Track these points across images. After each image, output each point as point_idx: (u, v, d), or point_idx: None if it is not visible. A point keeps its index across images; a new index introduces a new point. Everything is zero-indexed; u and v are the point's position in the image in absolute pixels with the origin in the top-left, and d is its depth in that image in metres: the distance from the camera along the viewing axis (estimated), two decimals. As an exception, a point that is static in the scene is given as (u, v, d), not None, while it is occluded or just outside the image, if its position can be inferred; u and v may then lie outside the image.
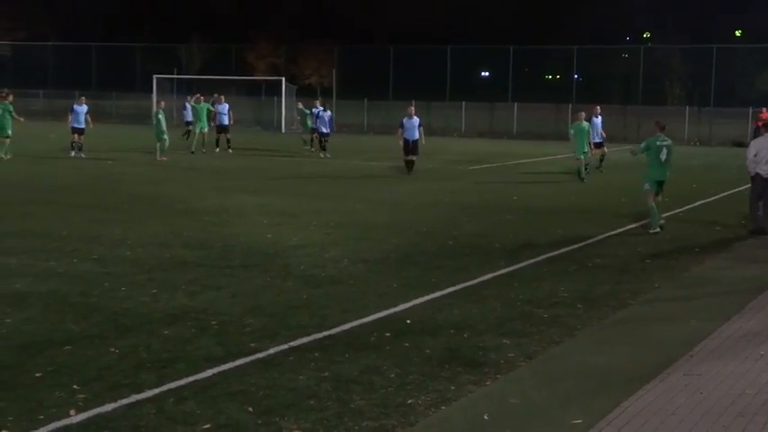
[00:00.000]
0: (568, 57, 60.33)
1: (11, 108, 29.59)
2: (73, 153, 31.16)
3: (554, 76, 73.73)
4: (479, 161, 32.91)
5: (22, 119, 30.56)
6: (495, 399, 7.56)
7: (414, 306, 10.59)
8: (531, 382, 7.99)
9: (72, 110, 32.15)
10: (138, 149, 33.83)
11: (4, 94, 30.28)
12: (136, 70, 66.55)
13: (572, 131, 26.81)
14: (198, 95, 36.14)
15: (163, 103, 33.53)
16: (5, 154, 28.90)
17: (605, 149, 29.02)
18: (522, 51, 61.04)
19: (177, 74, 62.77)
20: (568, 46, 59.73)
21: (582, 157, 25.97)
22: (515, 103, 55.37)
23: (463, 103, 54.14)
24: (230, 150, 34.39)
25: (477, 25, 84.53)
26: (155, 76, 55.26)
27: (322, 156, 32.97)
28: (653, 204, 16.83)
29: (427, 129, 50.29)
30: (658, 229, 16.63)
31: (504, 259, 13.53)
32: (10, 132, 29.31)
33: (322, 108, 34.78)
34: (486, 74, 75.19)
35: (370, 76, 61.88)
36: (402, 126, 27.03)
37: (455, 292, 11.40)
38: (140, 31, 77.88)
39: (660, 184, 17.05)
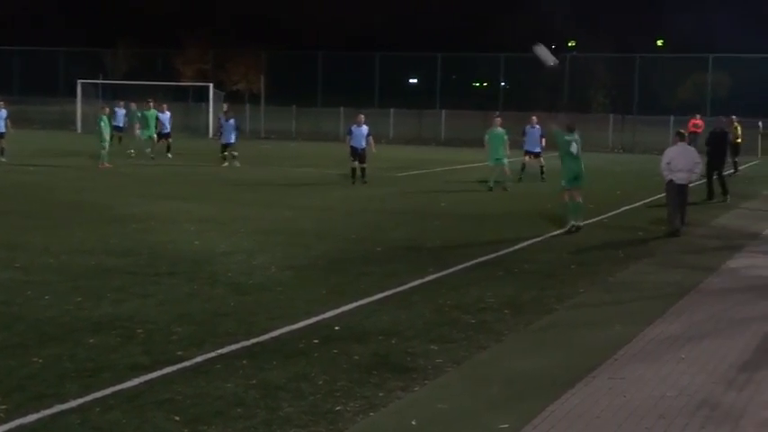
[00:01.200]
0: (495, 64, 60.92)
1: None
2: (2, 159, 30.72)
3: (481, 84, 74.38)
4: (408, 168, 33.04)
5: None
6: (424, 404, 7.61)
7: (342, 312, 10.59)
8: (458, 388, 8.06)
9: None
10: (62, 155, 33.28)
11: None
12: (60, 75, 65.43)
13: (487, 137, 26.91)
14: (149, 101, 35.94)
15: (107, 108, 33.11)
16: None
17: (542, 159, 29.12)
18: (450, 59, 61.54)
19: (103, 79, 61.90)
20: (495, 54, 60.31)
21: (493, 164, 26.04)
22: (443, 111, 55.76)
23: (392, 109, 54.34)
24: (170, 155, 34.27)
25: (405, 32, 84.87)
26: (79, 81, 54.44)
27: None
28: (567, 202, 17.51)
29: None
30: (572, 227, 17.22)
31: (432, 265, 13.60)
32: None
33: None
34: (415, 81, 75.56)
35: (299, 82, 61.76)
36: (350, 133, 27.04)
37: (384, 298, 11.44)
38: (65, 34, 76.55)
39: (576, 179, 17.58)
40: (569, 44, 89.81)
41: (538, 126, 29.15)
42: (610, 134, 49.85)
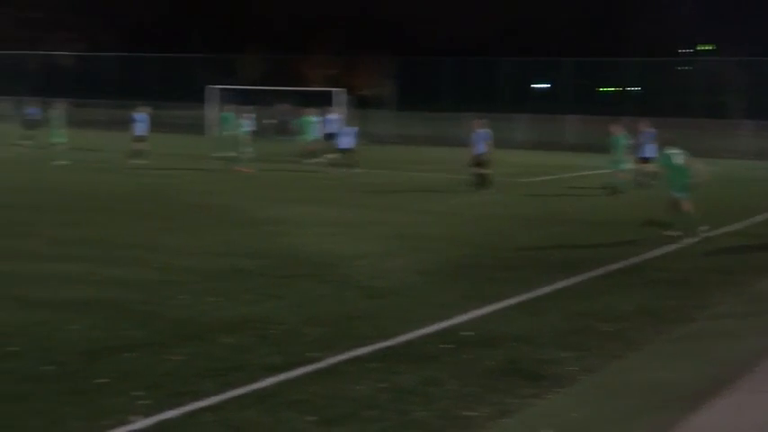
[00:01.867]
0: (625, 69, 59.84)
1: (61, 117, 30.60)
2: (138, 161, 31.79)
3: (610, 89, 73.12)
4: (534, 173, 32.73)
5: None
6: (556, 412, 7.50)
7: (473, 318, 10.54)
8: (592, 397, 7.92)
9: (133, 119, 32.83)
10: (195, 159, 34.12)
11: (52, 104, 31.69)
12: (192, 81, 67.26)
13: (614, 143, 26.48)
14: (306, 109, 36.62)
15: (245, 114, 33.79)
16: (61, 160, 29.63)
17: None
18: (577, 63, 60.71)
19: (234, 84, 63.31)
20: (625, 58, 59.24)
21: (615, 168, 25.66)
22: (570, 116, 55.02)
23: (518, 115, 53.92)
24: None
25: (532, 37, 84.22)
26: (209, 87, 55.84)
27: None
28: (688, 210, 17.20)
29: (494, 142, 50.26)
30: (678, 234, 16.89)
31: (562, 272, 13.41)
32: (62, 139, 30.54)
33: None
34: (541, 86, 74.83)
35: (426, 87, 61.91)
36: (473, 139, 26.97)
37: (514, 304, 11.34)
38: (197, 41, 78.82)
39: (684, 189, 17.34)
40: (702, 48, 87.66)
41: (650, 131, 28.68)
42: (744, 140, 48.26)
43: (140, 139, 32.28)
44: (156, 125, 38.38)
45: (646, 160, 28.12)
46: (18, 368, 8.15)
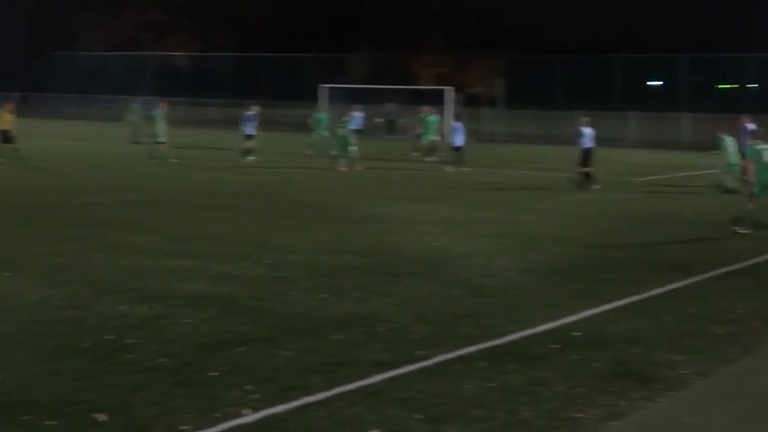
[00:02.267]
0: (744, 65, 58.19)
1: (161, 116, 31.44)
2: (249, 158, 32.50)
3: (728, 86, 71.18)
4: (648, 172, 32.12)
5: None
6: (668, 416, 7.36)
7: (582, 318, 10.43)
8: (705, 401, 7.75)
9: (244, 117, 33.59)
10: (306, 157, 34.55)
11: (158, 103, 32.25)
12: (304, 80, 68.16)
13: (722, 144, 25.84)
14: (428, 108, 36.86)
15: (353, 113, 34.11)
16: (168, 159, 30.41)
17: None
18: (694, 60, 59.29)
19: (344, 83, 63.89)
20: (744, 54, 57.60)
21: (726, 169, 25.06)
22: (686, 113, 53.78)
23: (632, 113, 52.97)
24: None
25: (646, 33, 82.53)
26: (323, 86, 56.44)
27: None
28: (752, 207, 17.37)
29: (598, 140, 49.56)
30: (749, 231, 17.01)
31: (675, 273, 13.14)
32: (163, 138, 31.17)
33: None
34: (656, 83, 73.33)
35: (537, 86, 61.36)
36: (581, 136, 26.61)
37: (624, 305, 11.16)
38: (309, 41, 79.78)
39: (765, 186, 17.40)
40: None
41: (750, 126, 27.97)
42: None
43: (250, 137, 33.03)
44: (268, 124, 39.15)
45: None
46: (135, 360, 8.41)
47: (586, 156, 26.18)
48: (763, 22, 74.07)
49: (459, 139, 30.97)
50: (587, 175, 25.97)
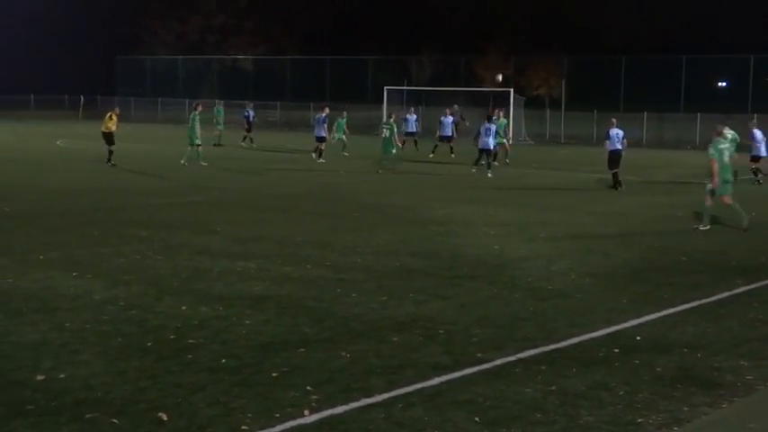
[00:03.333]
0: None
1: (197, 118, 31.21)
2: (321, 160, 32.73)
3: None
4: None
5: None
6: (732, 423, 7.24)
7: (644, 322, 10.30)
8: (770, 408, 7.60)
9: (316, 120, 33.98)
10: (365, 158, 34.60)
11: (194, 105, 32.25)
12: (368, 82, 68.37)
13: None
14: (498, 110, 36.83)
15: (394, 115, 34.03)
16: (202, 161, 30.49)
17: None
18: (763, 60, 58.16)
19: (407, 85, 63.93)
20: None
21: None
22: (755, 115, 52.79)
23: (698, 114, 52.17)
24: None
25: (714, 33, 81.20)
26: (386, 88, 56.51)
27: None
28: (709, 205, 18.12)
29: (659, 141, 49.11)
30: (708, 227, 17.76)
31: (741, 277, 12.92)
32: (199, 141, 30.93)
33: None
34: (724, 84, 72.11)
35: (600, 87, 60.73)
36: (609, 138, 26.32)
37: (688, 309, 11.01)
38: (372, 43, 79.98)
39: (727, 185, 18.22)
40: None
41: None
42: None
43: (323, 139, 33.52)
44: (331, 126, 39.19)
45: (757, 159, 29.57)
46: (197, 359, 8.51)
47: (614, 158, 25.87)
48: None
49: (484, 142, 29.56)
50: (615, 176, 25.69)
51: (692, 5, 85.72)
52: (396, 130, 31.40)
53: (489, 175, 28.39)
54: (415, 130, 40.06)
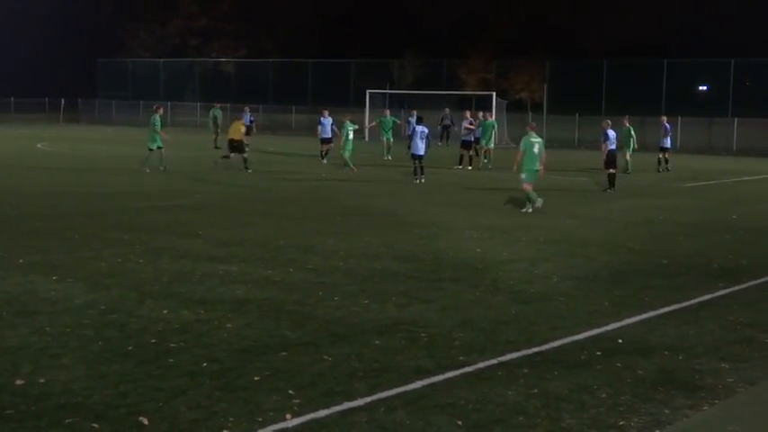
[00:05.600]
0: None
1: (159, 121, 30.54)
2: (324, 161, 32.94)
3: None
4: (696, 178, 31.80)
5: (167, 135, 31.21)
6: (713, 425, 7.26)
7: (626, 325, 10.33)
8: (752, 410, 7.63)
9: (320, 122, 34.05)
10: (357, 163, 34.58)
11: (155, 108, 31.88)
12: (350, 85, 68.37)
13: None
14: (486, 112, 36.75)
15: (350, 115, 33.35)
16: (145, 167, 29.47)
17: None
18: (743, 64, 58.53)
19: (389, 89, 63.98)
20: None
21: None
22: (735, 119, 53.15)
23: (679, 118, 52.46)
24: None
25: (694, 37, 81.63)
26: (368, 91, 56.53)
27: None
28: (530, 190, 21.01)
29: (641, 144, 49.18)
30: (530, 210, 20.69)
31: (722, 280, 12.98)
32: (161, 144, 30.06)
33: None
34: (704, 88, 72.45)
35: (582, 91, 60.93)
36: (607, 139, 26.49)
37: (669, 312, 11.05)
38: (355, 47, 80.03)
39: (536, 173, 21.21)
40: None
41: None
42: None
43: (326, 141, 33.68)
44: (312, 129, 39.28)
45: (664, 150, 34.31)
46: (178, 364, 8.47)
47: (612, 158, 26.07)
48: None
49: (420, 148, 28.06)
50: (611, 177, 25.83)
51: (673, 10, 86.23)
52: (351, 130, 31.04)
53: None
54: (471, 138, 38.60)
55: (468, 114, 36.37)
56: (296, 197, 23.28)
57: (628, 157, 32.63)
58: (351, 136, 30.66)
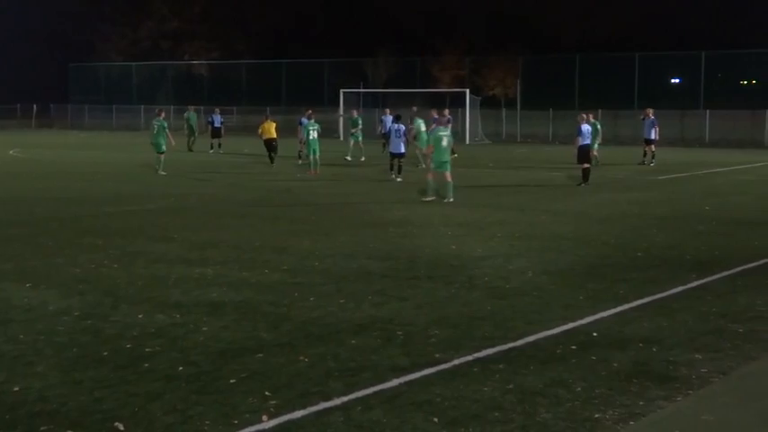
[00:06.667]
0: (765, 61, 57.87)
1: (165, 125, 30.71)
2: (300, 161, 33.31)
3: (749, 82, 70.72)
4: (670, 171, 31.98)
5: (173, 141, 31.37)
6: (687, 415, 7.32)
7: (600, 319, 10.39)
8: (725, 399, 7.69)
9: (300, 123, 33.76)
10: (326, 162, 34.53)
11: (158, 111, 31.84)
12: (324, 85, 68.32)
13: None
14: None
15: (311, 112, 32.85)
16: (161, 169, 29.83)
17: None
18: (714, 57, 58.98)
19: (363, 87, 63.99)
20: (765, 50, 57.28)
21: None
22: (708, 111, 53.54)
23: (652, 110, 52.74)
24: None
25: (666, 31, 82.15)
26: (342, 91, 56.51)
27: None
28: (433, 182, 22.16)
29: (614, 138, 49.57)
30: (432, 198, 22.00)
31: (695, 272, 13.08)
32: (164, 149, 30.30)
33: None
34: (677, 81, 72.95)
35: (556, 86, 61.21)
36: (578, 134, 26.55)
37: (643, 305, 11.11)
38: (328, 46, 79.97)
39: (444, 164, 22.21)
40: None
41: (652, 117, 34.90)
42: None
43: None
44: (288, 130, 39.22)
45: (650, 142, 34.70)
46: (154, 368, 8.44)
47: (584, 153, 26.15)
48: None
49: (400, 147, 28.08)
50: (585, 171, 25.93)
51: (644, 4, 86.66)
52: (318, 130, 30.84)
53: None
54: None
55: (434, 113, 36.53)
56: (270, 198, 23.25)
57: (595, 152, 32.58)
58: (313, 136, 30.21)
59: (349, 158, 35.78)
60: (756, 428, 7.00)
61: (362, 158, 36.09)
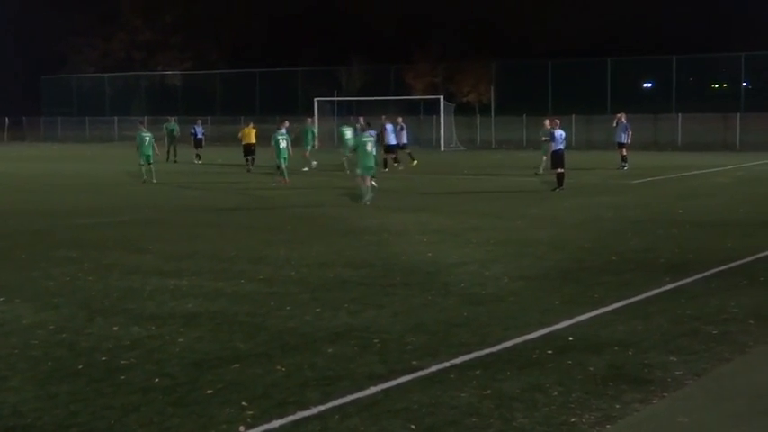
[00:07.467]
0: (736, 64, 58.36)
1: (152, 136, 31.13)
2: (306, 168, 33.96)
3: (721, 85, 71.33)
4: (643, 174, 32.19)
5: (159, 152, 31.75)
6: (663, 418, 7.36)
7: (576, 323, 10.43)
8: (699, 401, 7.75)
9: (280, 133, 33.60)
10: (298, 171, 34.50)
11: (141, 123, 32.03)
12: (298, 94, 68.27)
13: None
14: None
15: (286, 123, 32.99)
16: (152, 178, 30.19)
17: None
18: (686, 60, 59.41)
19: (337, 96, 64.00)
20: (735, 54, 57.78)
21: None
22: (680, 114, 53.92)
23: (623, 115, 53.06)
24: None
25: (637, 35, 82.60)
26: (316, 99, 56.50)
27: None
28: (364, 186, 23.05)
29: (588, 143, 49.92)
30: (368, 203, 22.65)
31: (669, 274, 13.16)
32: (152, 159, 30.78)
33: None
34: (649, 85, 73.43)
35: (529, 92, 61.45)
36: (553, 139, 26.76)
37: (619, 308, 11.17)
38: (302, 55, 79.89)
39: (370, 168, 23.14)
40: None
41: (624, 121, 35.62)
42: None
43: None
44: (262, 139, 39.14)
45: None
46: (129, 380, 8.39)
47: (558, 158, 26.32)
48: (750, 21, 74.26)
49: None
50: (560, 176, 26.09)
51: (615, 9, 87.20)
52: (290, 139, 30.83)
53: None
54: (395, 142, 36.38)
55: (399, 120, 37.30)
56: (245, 208, 23.21)
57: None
58: (282, 145, 30.10)
59: (306, 169, 35.32)
60: (731, 429, 7.05)
61: (306, 169, 35.58)
